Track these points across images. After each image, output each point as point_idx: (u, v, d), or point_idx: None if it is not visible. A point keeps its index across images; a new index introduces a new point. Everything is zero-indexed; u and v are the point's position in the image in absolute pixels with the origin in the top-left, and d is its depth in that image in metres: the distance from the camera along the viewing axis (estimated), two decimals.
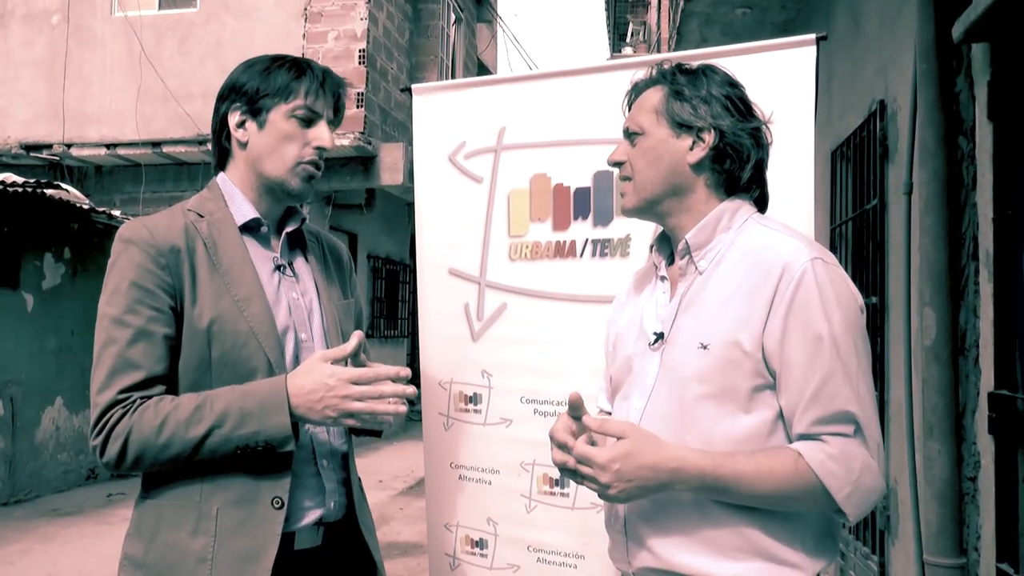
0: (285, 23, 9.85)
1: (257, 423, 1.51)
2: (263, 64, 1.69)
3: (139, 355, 1.54)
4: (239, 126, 1.68)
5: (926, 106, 2.96)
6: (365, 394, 1.52)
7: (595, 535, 2.20)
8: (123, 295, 1.56)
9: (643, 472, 1.35)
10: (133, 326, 1.55)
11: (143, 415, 1.51)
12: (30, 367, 7.39)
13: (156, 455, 1.52)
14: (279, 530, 1.57)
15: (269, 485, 1.58)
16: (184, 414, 1.51)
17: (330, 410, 1.52)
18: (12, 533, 6.14)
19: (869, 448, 1.36)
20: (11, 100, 10.31)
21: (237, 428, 1.51)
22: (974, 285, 2.76)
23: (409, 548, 5.90)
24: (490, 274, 2.58)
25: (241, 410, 1.52)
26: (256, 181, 1.70)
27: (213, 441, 1.51)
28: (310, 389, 1.52)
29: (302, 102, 1.66)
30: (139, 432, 1.51)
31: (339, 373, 1.52)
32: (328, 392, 1.51)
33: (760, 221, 1.52)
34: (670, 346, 1.49)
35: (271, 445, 1.52)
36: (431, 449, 2.69)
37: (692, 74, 1.54)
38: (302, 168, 1.68)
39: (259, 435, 1.51)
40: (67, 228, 7.79)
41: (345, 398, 1.51)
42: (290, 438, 1.53)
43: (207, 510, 1.56)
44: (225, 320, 1.58)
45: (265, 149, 1.67)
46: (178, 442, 1.51)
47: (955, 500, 2.80)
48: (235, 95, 1.68)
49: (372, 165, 9.74)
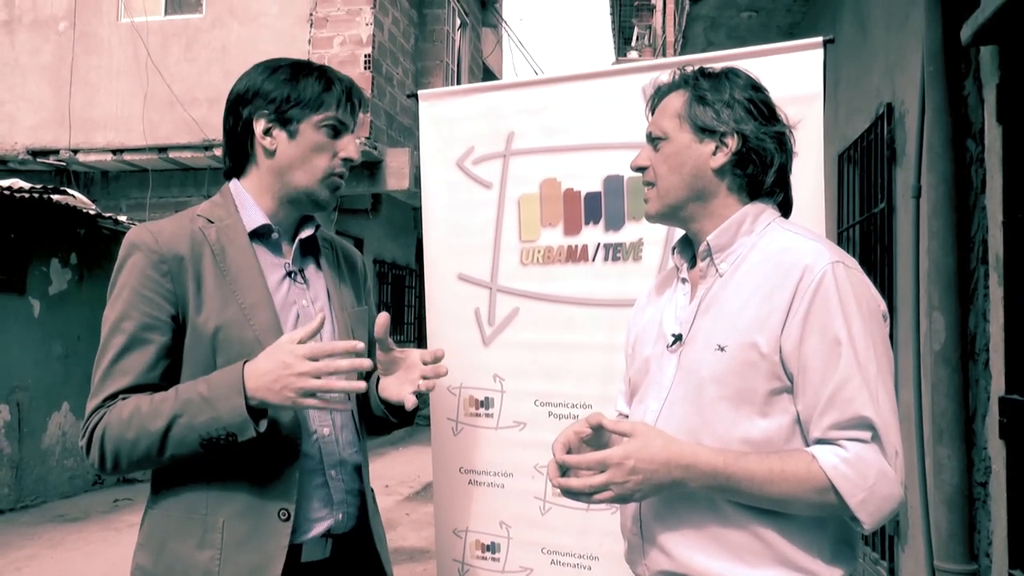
0: (290, 28, 9.88)
1: (214, 409, 1.46)
2: (287, 71, 1.66)
3: (130, 362, 1.53)
4: (266, 133, 1.65)
5: (934, 109, 2.95)
6: (319, 370, 1.44)
7: (609, 536, 2.19)
8: (123, 301, 1.56)
9: (655, 467, 1.34)
10: (127, 332, 1.54)
11: (115, 412, 1.50)
12: (37, 373, 7.40)
13: (129, 452, 1.49)
14: (286, 542, 1.54)
15: (275, 496, 1.56)
16: (150, 407, 1.48)
17: (288, 390, 1.44)
18: (19, 539, 6.14)
19: (887, 455, 1.33)
20: (18, 106, 10.35)
21: (197, 415, 1.46)
22: (984, 289, 2.75)
23: (415, 554, 5.88)
24: (501, 279, 2.58)
25: (200, 397, 1.47)
26: (280, 190, 1.68)
27: (177, 432, 1.47)
28: (267, 369, 1.46)
29: (333, 113, 1.65)
30: (111, 430, 1.50)
31: (297, 350, 1.45)
32: (285, 371, 1.44)
33: (783, 225, 1.51)
34: (688, 347, 1.48)
35: (232, 435, 1.46)
36: (440, 454, 2.69)
37: (715, 78, 1.53)
38: (331, 179, 1.67)
39: (218, 422, 1.46)
40: (74, 234, 7.81)
41: (302, 375, 1.44)
42: (247, 423, 1.46)
43: (213, 522, 1.54)
44: (231, 328, 1.56)
45: (296, 159, 1.65)
46: (144, 436, 1.48)
47: (966, 505, 2.79)
48: (261, 101, 1.64)
49: (378, 170, 9.76)
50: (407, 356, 1.72)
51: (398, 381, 1.70)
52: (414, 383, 1.67)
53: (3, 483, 7.00)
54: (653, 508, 1.47)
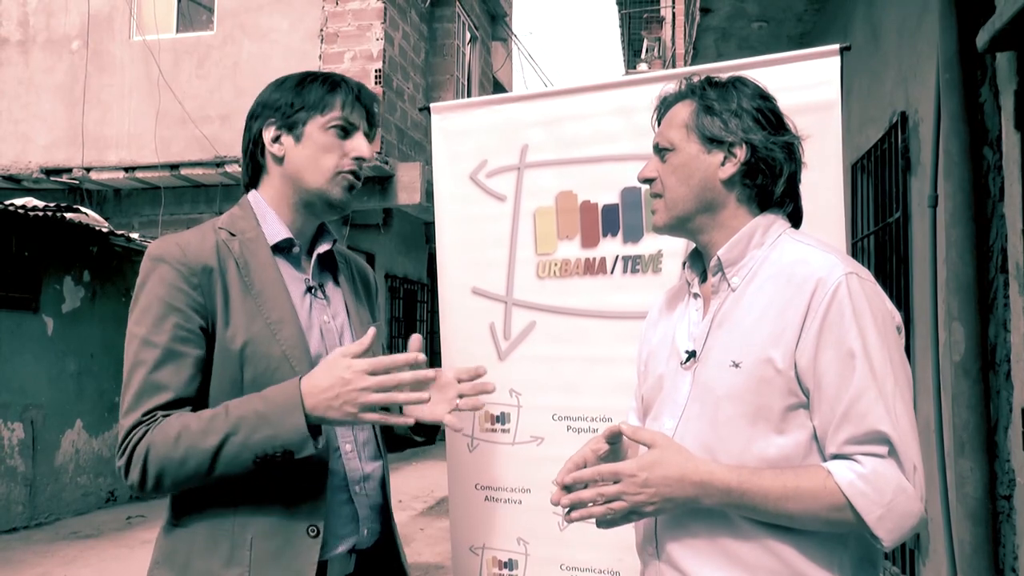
0: (301, 44, 9.93)
1: (272, 427, 1.44)
2: (295, 80, 1.68)
3: (167, 376, 1.50)
4: (274, 141, 1.65)
5: (950, 117, 2.93)
6: (383, 384, 1.44)
7: (628, 550, 2.17)
8: (152, 315, 1.52)
9: (669, 483, 1.33)
10: (161, 346, 1.51)
11: (161, 431, 1.46)
12: (50, 390, 7.41)
13: (176, 471, 1.46)
14: (315, 559, 1.53)
15: (304, 513, 1.54)
16: (200, 424, 1.46)
17: (350, 405, 1.43)
18: (33, 556, 6.14)
19: (904, 470, 1.30)
20: (32, 125, 10.44)
21: (252, 434, 1.44)
22: (1004, 298, 2.72)
23: (430, 569, 5.85)
24: (517, 292, 2.56)
25: (256, 414, 1.45)
26: (294, 196, 1.67)
27: (229, 450, 1.44)
28: (327, 386, 1.44)
29: (339, 113, 1.65)
30: (156, 448, 1.45)
31: (355, 365, 1.44)
32: (345, 387, 1.43)
33: (794, 236, 1.48)
34: (702, 364, 1.46)
35: (289, 452, 1.45)
36: (455, 471, 2.66)
37: (722, 87, 1.52)
38: (342, 177, 1.66)
39: (275, 440, 1.44)
40: (87, 251, 7.84)
41: (363, 390, 1.43)
42: (307, 440, 1.45)
43: (241, 539, 1.52)
44: (258, 343, 1.55)
45: (304, 161, 1.64)
46: (194, 455, 1.44)
47: (989, 519, 2.75)
48: (268, 111, 1.66)
49: (389, 185, 9.77)
50: (439, 376, 1.72)
51: (431, 401, 1.69)
52: (449, 402, 1.67)
53: (17, 501, 7.01)
54: (667, 524, 1.45)
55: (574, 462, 1.46)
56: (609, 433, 1.45)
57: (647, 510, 1.36)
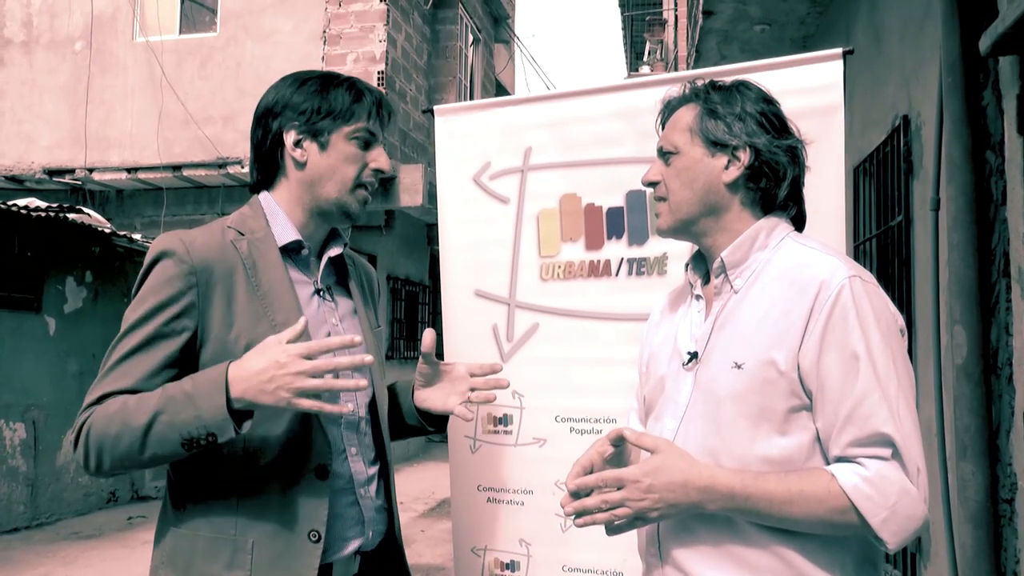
0: (304, 46, 9.94)
1: (195, 408, 1.40)
2: (316, 83, 1.65)
3: (133, 365, 1.49)
4: (296, 145, 1.63)
5: (952, 120, 2.93)
6: (318, 368, 1.39)
7: (632, 551, 2.17)
8: (144, 306, 1.52)
9: (672, 488, 1.34)
10: (139, 337, 1.50)
11: (102, 408, 1.47)
12: (52, 391, 7.42)
13: (112, 449, 1.45)
14: (316, 564, 1.53)
15: (306, 517, 1.54)
16: (135, 403, 1.44)
17: (283, 390, 1.38)
18: (35, 556, 6.14)
19: (908, 473, 1.31)
20: (35, 126, 10.46)
21: (179, 413, 1.41)
22: (1006, 302, 2.72)
23: (431, 571, 5.85)
24: (520, 295, 2.56)
25: (184, 395, 1.42)
26: (310, 202, 1.66)
27: (158, 429, 1.42)
28: (259, 369, 1.39)
29: (364, 124, 1.64)
30: (96, 426, 1.46)
31: (291, 349, 1.40)
32: (280, 370, 1.38)
33: (797, 239, 1.49)
34: (704, 366, 1.47)
35: (213, 435, 1.41)
36: (457, 472, 2.66)
37: (726, 91, 1.52)
38: (360, 190, 1.67)
39: (199, 421, 1.40)
40: (89, 252, 7.85)
41: (298, 375, 1.38)
42: (227, 423, 1.40)
43: (243, 543, 1.52)
44: None
45: (327, 171, 1.63)
46: (127, 432, 1.43)
47: (991, 523, 2.75)
48: (291, 113, 1.62)
49: (391, 186, 9.77)
50: (451, 369, 1.77)
51: (442, 392, 1.76)
52: (461, 395, 1.71)
53: (18, 501, 7.02)
54: (670, 527, 1.46)
55: (581, 465, 1.47)
56: (614, 436, 1.45)
57: (651, 516, 1.36)
